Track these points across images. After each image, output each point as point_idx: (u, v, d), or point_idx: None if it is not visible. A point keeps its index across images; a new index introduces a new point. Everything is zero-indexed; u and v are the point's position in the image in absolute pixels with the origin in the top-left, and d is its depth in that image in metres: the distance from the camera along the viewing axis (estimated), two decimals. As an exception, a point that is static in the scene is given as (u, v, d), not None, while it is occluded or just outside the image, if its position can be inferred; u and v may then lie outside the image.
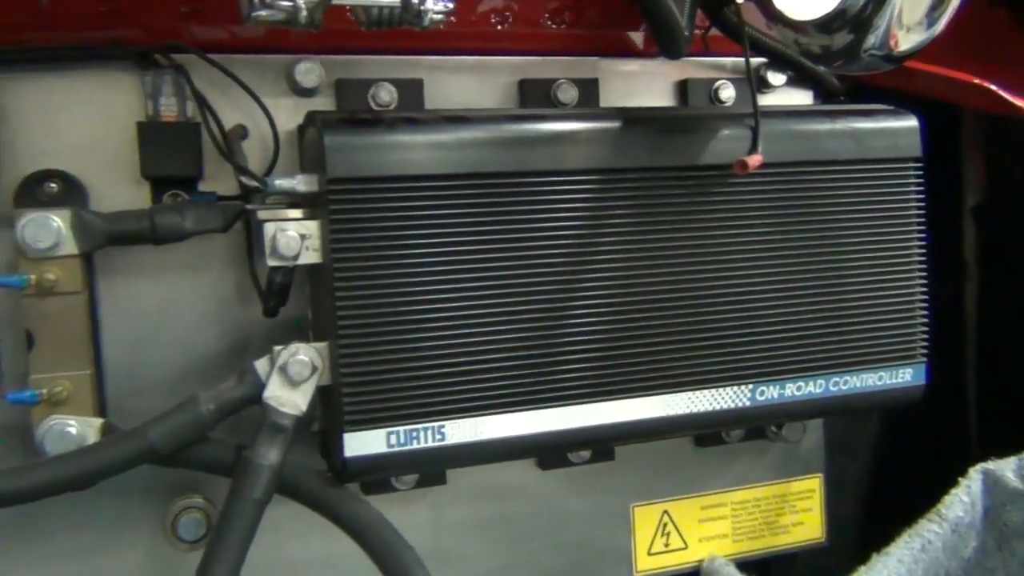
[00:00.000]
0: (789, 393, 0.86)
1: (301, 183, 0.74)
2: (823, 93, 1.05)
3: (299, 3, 0.61)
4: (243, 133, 0.81)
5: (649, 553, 1.00)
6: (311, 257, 0.73)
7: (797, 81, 1.02)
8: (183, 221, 0.76)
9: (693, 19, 0.78)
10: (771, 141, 0.82)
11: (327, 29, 0.70)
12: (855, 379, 0.88)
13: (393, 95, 0.86)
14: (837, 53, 0.70)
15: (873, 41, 0.65)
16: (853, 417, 1.16)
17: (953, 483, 0.95)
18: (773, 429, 1.01)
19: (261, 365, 0.72)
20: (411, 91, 0.87)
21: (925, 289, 0.90)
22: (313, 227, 0.73)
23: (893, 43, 0.65)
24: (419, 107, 0.87)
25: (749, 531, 1.04)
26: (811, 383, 0.86)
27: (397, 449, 0.73)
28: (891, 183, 0.88)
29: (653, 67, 0.98)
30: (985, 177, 1.21)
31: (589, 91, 0.93)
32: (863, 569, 0.93)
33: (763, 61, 0.99)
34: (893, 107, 0.92)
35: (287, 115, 0.84)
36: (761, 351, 0.84)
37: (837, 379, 0.87)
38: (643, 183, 0.80)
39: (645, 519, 1.00)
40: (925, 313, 0.90)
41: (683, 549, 1.01)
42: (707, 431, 0.96)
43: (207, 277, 0.83)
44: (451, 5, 0.67)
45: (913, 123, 0.90)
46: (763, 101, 1.01)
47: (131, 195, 0.80)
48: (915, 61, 1.09)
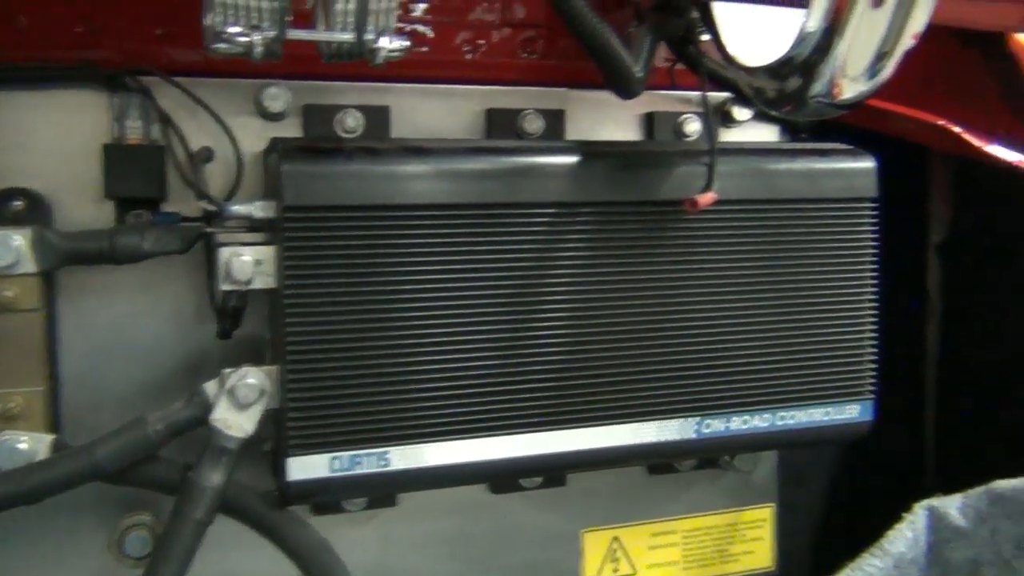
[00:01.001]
0: (735, 426, 0.87)
1: (259, 209, 0.75)
2: (789, 129, 1.07)
3: (255, 39, 0.63)
4: (208, 156, 0.83)
5: (598, 578, 1.02)
6: (265, 282, 0.74)
7: (763, 117, 1.03)
8: (142, 242, 0.78)
9: (651, 58, 0.80)
10: (727, 178, 0.84)
11: (296, 55, 0.71)
12: (802, 414, 0.89)
13: (360, 121, 0.87)
14: (786, 98, 0.71)
15: (819, 88, 0.67)
16: (804, 449, 1.17)
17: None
18: (725, 458, 1.03)
19: (210, 387, 0.74)
20: (378, 118, 0.88)
21: (875, 328, 0.92)
22: (269, 252, 0.74)
23: (837, 91, 0.67)
24: (385, 134, 0.89)
25: (699, 559, 1.05)
26: (757, 417, 0.88)
27: (341, 474, 0.75)
28: (846, 223, 0.90)
29: (620, 100, 0.99)
30: (950, 215, 1.23)
31: (555, 122, 0.95)
32: (805, 601, 0.95)
33: (729, 96, 1.01)
34: (852, 147, 0.93)
35: (254, 139, 0.85)
36: (708, 385, 0.86)
37: (784, 414, 0.89)
38: (599, 217, 0.82)
39: (595, 544, 1.01)
40: (874, 351, 0.92)
41: (632, 575, 1.03)
42: (652, 462, 0.98)
43: (167, 297, 0.84)
44: (407, 43, 0.69)
45: (870, 164, 0.91)
46: (728, 136, 1.03)
47: (96, 214, 0.82)
48: (883, 101, 1.11)
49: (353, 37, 0.66)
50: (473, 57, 0.93)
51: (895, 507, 0.98)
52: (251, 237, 0.77)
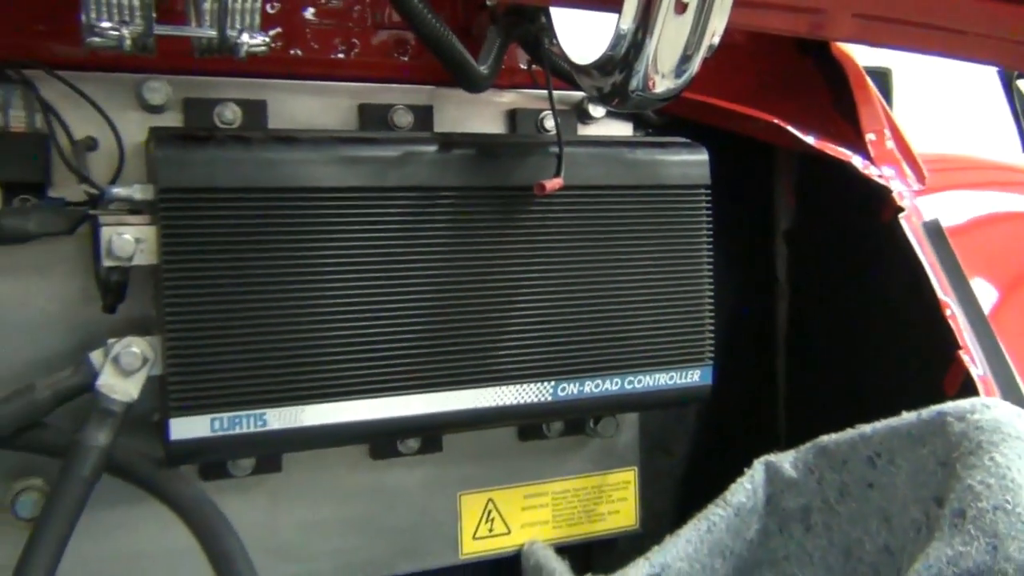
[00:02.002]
0: (588, 390, 0.97)
1: (138, 191, 0.81)
2: (642, 126, 1.18)
3: (124, 33, 0.69)
4: (92, 144, 0.88)
5: (474, 538, 1.10)
6: (145, 259, 0.81)
7: (616, 114, 1.14)
8: (27, 223, 0.83)
9: (500, 57, 0.89)
10: (575, 166, 0.93)
11: (176, 51, 0.78)
12: (648, 378, 1.00)
13: (237, 114, 0.94)
14: (613, 92, 0.81)
15: (636, 83, 0.77)
16: (665, 416, 1.28)
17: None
18: (591, 425, 1.13)
19: (96, 356, 0.80)
20: (255, 111, 0.95)
21: (712, 300, 1.03)
22: (149, 232, 0.81)
23: (651, 85, 0.77)
24: (262, 126, 0.96)
25: (568, 518, 1.15)
26: (608, 381, 0.98)
27: (221, 434, 0.81)
28: (682, 207, 1.01)
29: (486, 97, 1.08)
30: (795, 205, 1.36)
31: (424, 117, 1.03)
32: (656, 548, 1.05)
33: (585, 95, 1.11)
34: (688, 140, 1.04)
35: (136, 129, 0.91)
36: (562, 351, 0.95)
37: (631, 378, 0.99)
38: (459, 200, 0.90)
39: (471, 506, 1.09)
40: (712, 321, 1.03)
41: (506, 534, 1.12)
42: (515, 424, 1.06)
43: (55, 278, 0.89)
44: (267, 38, 0.76)
45: (703, 156, 1.02)
46: (585, 131, 1.13)
47: (-18, 199, 0.86)
48: (728, 102, 1.23)
49: (216, 33, 0.73)
50: (347, 56, 1.01)
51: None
52: (133, 219, 0.83)
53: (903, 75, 2.06)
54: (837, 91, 1.26)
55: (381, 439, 1.00)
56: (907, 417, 0.93)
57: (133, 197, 0.81)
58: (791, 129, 1.17)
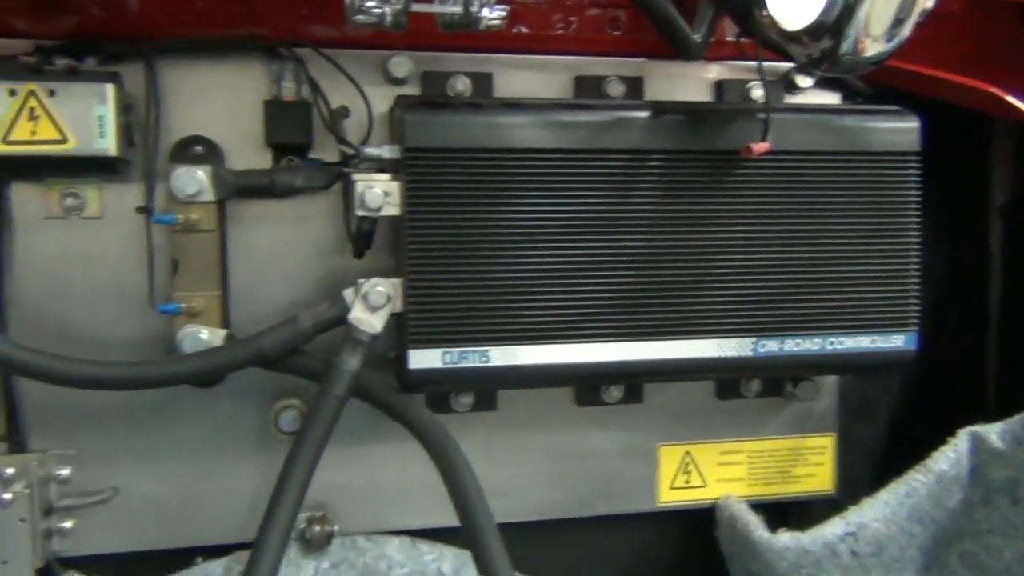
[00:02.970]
0: (788, 348, 1.00)
1: (386, 151, 0.93)
2: (851, 96, 1.19)
3: (385, 10, 0.80)
4: (345, 113, 1.01)
5: (671, 487, 1.16)
6: (391, 210, 0.92)
7: (824, 84, 1.16)
8: (295, 180, 0.97)
9: (712, 28, 0.94)
10: (782, 131, 0.97)
11: (417, 30, 0.89)
12: (849, 340, 1.02)
13: (467, 85, 1.05)
14: (823, 57, 0.84)
15: (847, 47, 0.80)
16: (867, 384, 1.28)
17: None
18: (789, 388, 1.16)
19: (348, 293, 0.92)
20: (483, 82, 1.06)
21: (918, 266, 1.03)
22: (394, 186, 0.92)
23: (862, 49, 0.80)
24: (489, 96, 1.05)
25: (763, 477, 1.18)
26: (808, 340, 1.01)
27: (450, 366, 0.92)
28: (891, 173, 1.02)
29: (694, 69, 1.13)
30: (1011, 179, 1.32)
31: (635, 88, 1.10)
32: (853, 508, 1.07)
33: (793, 66, 1.13)
34: (899, 108, 1.05)
35: (381, 100, 1.03)
36: (762, 308, 0.99)
37: (833, 339, 1.01)
38: (667, 162, 0.96)
39: (669, 457, 1.15)
40: (917, 287, 1.03)
41: (702, 487, 1.17)
42: (713, 377, 1.11)
43: (311, 227, 1.03)
44: (504, 14, 0.85)
45: (914, 123, 1.03)
46: (792, 102, 1.15)
47: (256, 159, 1.01)
48: (943, 71, 1.21)
49: (461, 8, 0.83)
50: (565, 31, 1.09)
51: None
52: (380, 176, 0.94)
53: None
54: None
55: (589, 382, 1.08)
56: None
57: (382, 156, 0.93)
58: (1011, 99, 1.14)
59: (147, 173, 0.94)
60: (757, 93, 1.13)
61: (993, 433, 1.06)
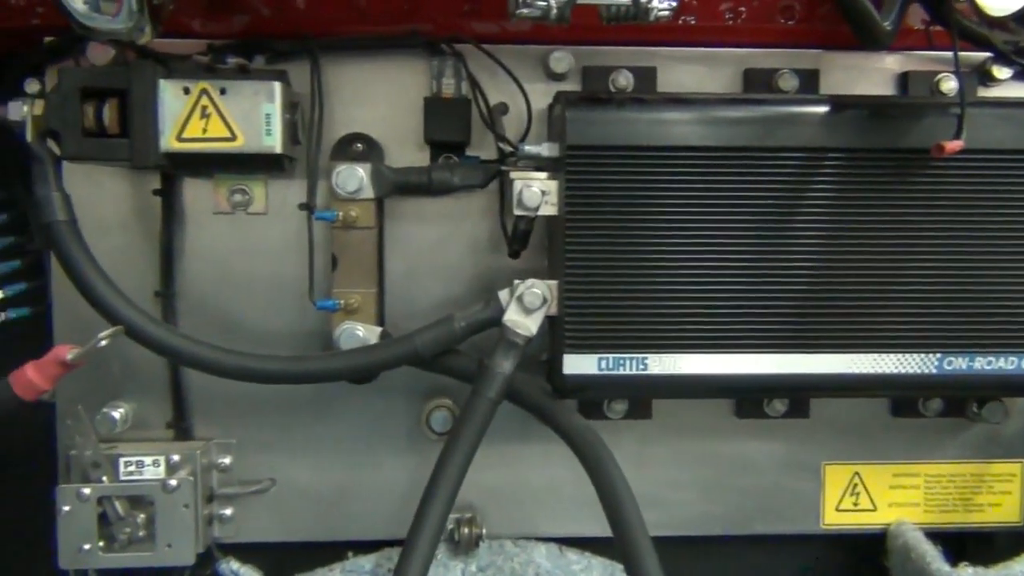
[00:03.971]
0: (978, 366, 0.91)
1: (546, 149, 0.90)
2: (1055, 88, 1.07)
3: (551, 3, 0.78)
4: (503, 109, 0.99)
5: (837, 509, 1.08)
6: (549, 210, 0.89)
7: (1021, 76, 1.05)
8: (453, 177, 0.96)
9: (902, 14, 0.86)
10: (977, 128, 0.88)
11: (577, 24, 0.85)
12: (1050, 361, 0.91)
13: (630, 80, 1.00)
14: (1033, 45, 0.76)
15: (1063, 35, 0.71)
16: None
17: None
18: (973, 408, 1.06)
19: (503, 294, 0.90)
20: (645, 77, 1.01)
21: None
22: (552, 185, 0.89)
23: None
24: (652, 91, 1.01)
25: (941, 504, 1.09)
26: (1001, 359, 0.91)
27: (606, 372, 0.88)
28: (1103, 174, 0.91)
29: (875, 60, 1.05)
30: None
31: (809, 80, 1.03)
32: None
33: (989, 56, 1.03)
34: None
35: (539, 96, 1.00)
36: (950, 322, 0.90)
37: (1031, 358, 0.91)
38: (846, 161, 0.89)
39: (835, 477, 1.08)
40: None
41: (871, 511, 1.09)
42: (890, 394, 1.03)
43: (466, 225, 1.02)
44: (675, 3, 0.81)
45: None
46: (987, 95, 1.05)
47: (413, 156, 1.01)
48: None
49: (630, 0, 0.79)
50: (733, 22, 1.03)
51: None
52: (538, 174, 0.92)
53: None
54: None
55: (753, 395, 1.02)
56: None
57: (541, 154, 0.90)
58: None
59: (310, 170, 0.95)
60: (948, 85, 1.03)
61: None
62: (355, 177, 0.95)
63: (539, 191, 0.89)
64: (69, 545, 0.94)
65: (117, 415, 1.00)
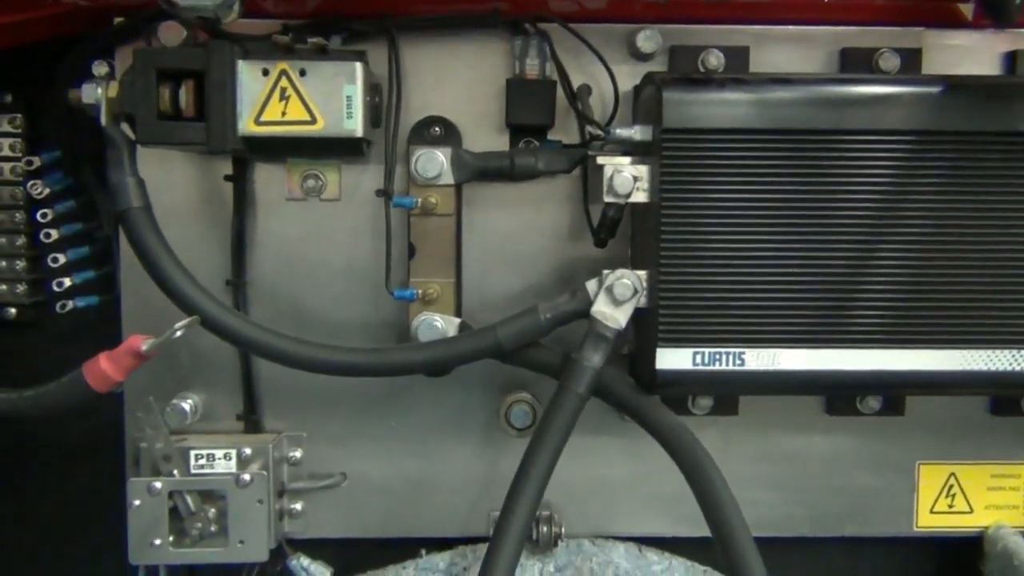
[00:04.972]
0: (1094, 364, 0.85)
1: (638, 132, 0.86)
2: None
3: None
4: (588, 91, 0.95)
5: (931, 511, 1.03)
6: (640, 196, 0.85)
7: None
8: (536, 162, 0.92)
9: (1027, -11, 0.81)
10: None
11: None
12: None
13: (720, 60, 0.95)
14: None
15: None
16: None
17: None
18: (1080, 408, 1.00)
19: (591, 285, 0.86)
20: (737, 57, 0.96)
21: None
22: (644, 171, 0.85)
23: None
24: (744, 71, 0.96)
25: (1045, 508, 1.03)
26: (1121, 356, 0.85)
27: (701, 368, 0.84)
28: None
29: (980, 39, 0.99)
30: None
31: (911, 60, 0.97)
32: None
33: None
34: None
35: (624, 77, 0.96)
36: None
37: None
38: (957, 146, 0.83)
39: (930, 478, 1.03)
40: None
41: (968, 513, 1.03)
42: (984, 392, 0.97)
43: (548, 213, 0.98)
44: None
45: None
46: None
47: (492, 140, 0.97)
48: None
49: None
50: (830, -1, 0.98)
51: None
52: (626, 159, 0.87)
53: None
54: None
55: (852, 392, 0.97)
56: None
57: (633, 138, 0.86)
58: None
59: (388, 155, 0.91)
60: (1058, 65, 0.97)
61: None
62: (436, 162, 0.91)
63: (630, 176, 0.84)
64: (139, 540, 0.92)
65: (187, 407, 0.97)
